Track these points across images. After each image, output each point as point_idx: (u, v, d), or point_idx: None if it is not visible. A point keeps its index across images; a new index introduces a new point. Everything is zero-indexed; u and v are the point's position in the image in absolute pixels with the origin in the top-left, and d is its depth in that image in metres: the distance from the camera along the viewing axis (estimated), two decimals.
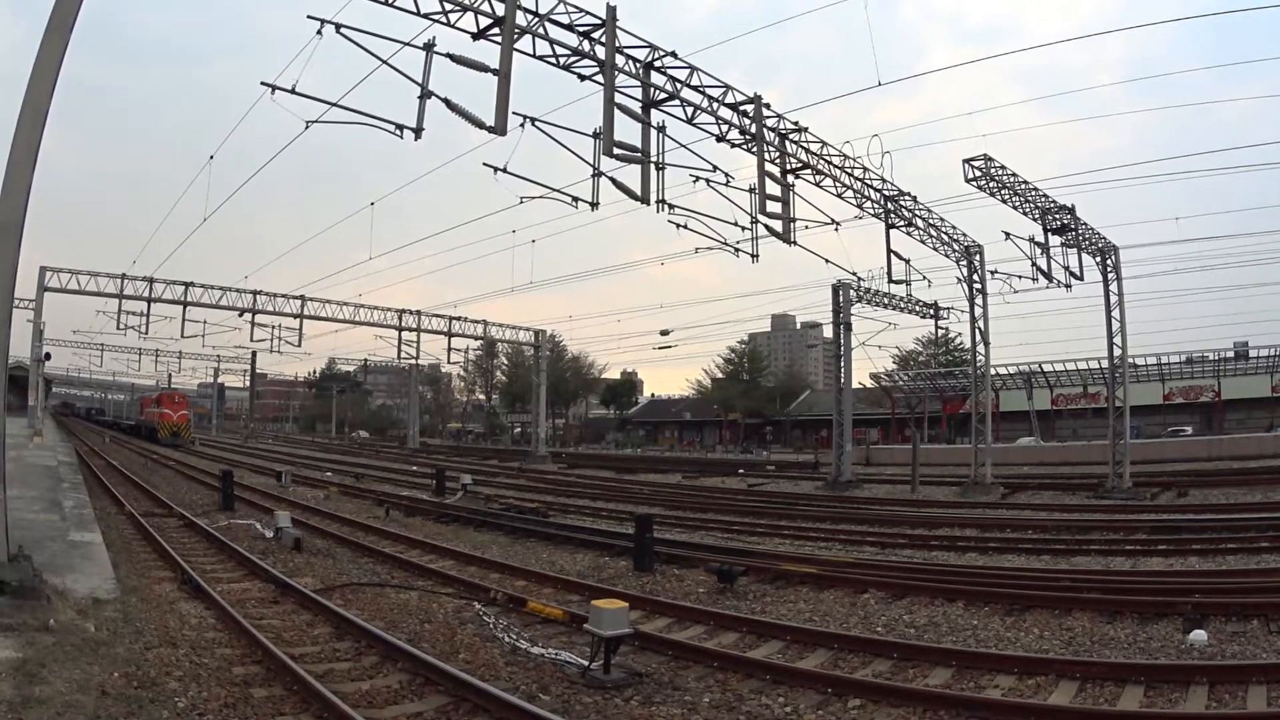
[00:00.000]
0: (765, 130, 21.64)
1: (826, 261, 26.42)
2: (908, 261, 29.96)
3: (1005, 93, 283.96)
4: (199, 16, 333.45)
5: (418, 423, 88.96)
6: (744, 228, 22.14)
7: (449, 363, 63.21)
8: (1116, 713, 7.56)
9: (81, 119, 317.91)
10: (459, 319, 55.96)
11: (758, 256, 22.99)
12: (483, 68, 15.66)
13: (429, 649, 9.60)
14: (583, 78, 17.96)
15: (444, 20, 16.10)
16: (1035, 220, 28.95)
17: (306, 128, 17.19)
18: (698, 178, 20.47)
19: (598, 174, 18.65)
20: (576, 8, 17.34)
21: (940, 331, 46.72)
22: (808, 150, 23.67)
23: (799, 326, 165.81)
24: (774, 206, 21.53)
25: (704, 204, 21.31)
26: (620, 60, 18.08)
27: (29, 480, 22.11)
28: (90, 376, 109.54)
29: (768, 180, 21.34)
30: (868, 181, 26.39)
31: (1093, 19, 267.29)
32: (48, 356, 49.62)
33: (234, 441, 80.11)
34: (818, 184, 24.66)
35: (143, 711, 7.11)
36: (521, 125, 17.11)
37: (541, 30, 17.19)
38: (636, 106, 18.60)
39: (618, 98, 17.65)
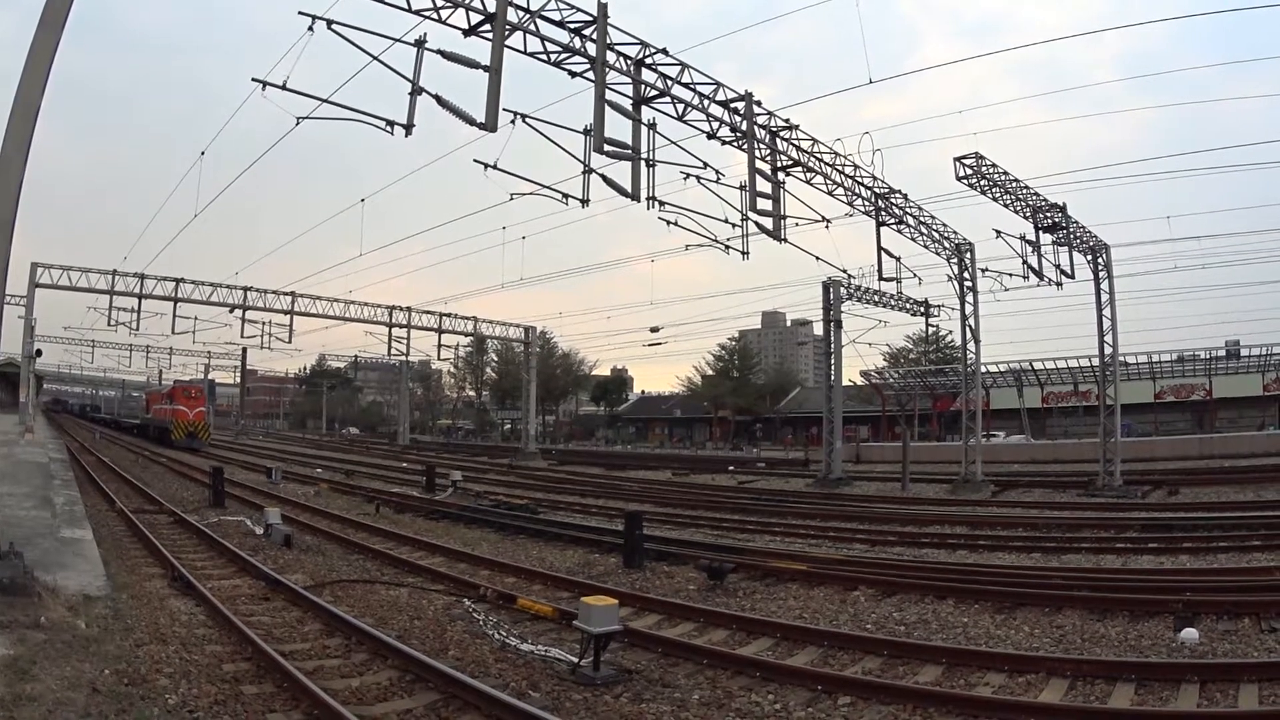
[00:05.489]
0: (756, 127, 21.66)
1: (817, 259, 26.46)
2: (898, 259, 30.07)
3: (1000, 88, 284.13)
4: (190, 11, 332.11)
5: (408, 419, 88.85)
6: (734, 225, 22.12)
7: (439, 359, 62.98)
8: (1107, 710, 7.59)
9: (72, 113, 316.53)
10: (449, 315, 55.89)
11: (748, 254, 22.95)
12: (474, 64, 15.62)
13: (419, 646, 9.60)
14: (573, 74, 17.92)
15: (435, 16, 16.03)
16: (1026, 218, 29.00)
17: (297, 124, 17.15)
18: (688, 175, 20.45)
19: (588, 170, 18.61)
20: (568, 4, 17.30)
21: (931, 329, 46.94)
22: (798, 147, 23.66)
23: (789, 324, 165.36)
24: (764, 204, 21.54)
25: (694, 201, 21.40)
26: (611, 57, 18.08)
27: (20, 477, 22.03)
28: (81, 373, 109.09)
29: (758, 177, 21.36)
30: (858, 179, 26.41)
31: (1090, 12, 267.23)
32: (39, 353, 49.25)
33: (224, 438, 79.79)
34: (808, 181, 24.63)
35: (133, 708, 7.09)
36: (512, 121, 17.05)
37: (532, 27, 17.15)
38: (627, 103, 18.59)
39: (608, 94, 17.65)
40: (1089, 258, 31.29)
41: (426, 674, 8.39)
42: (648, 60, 19.06)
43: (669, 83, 19.58)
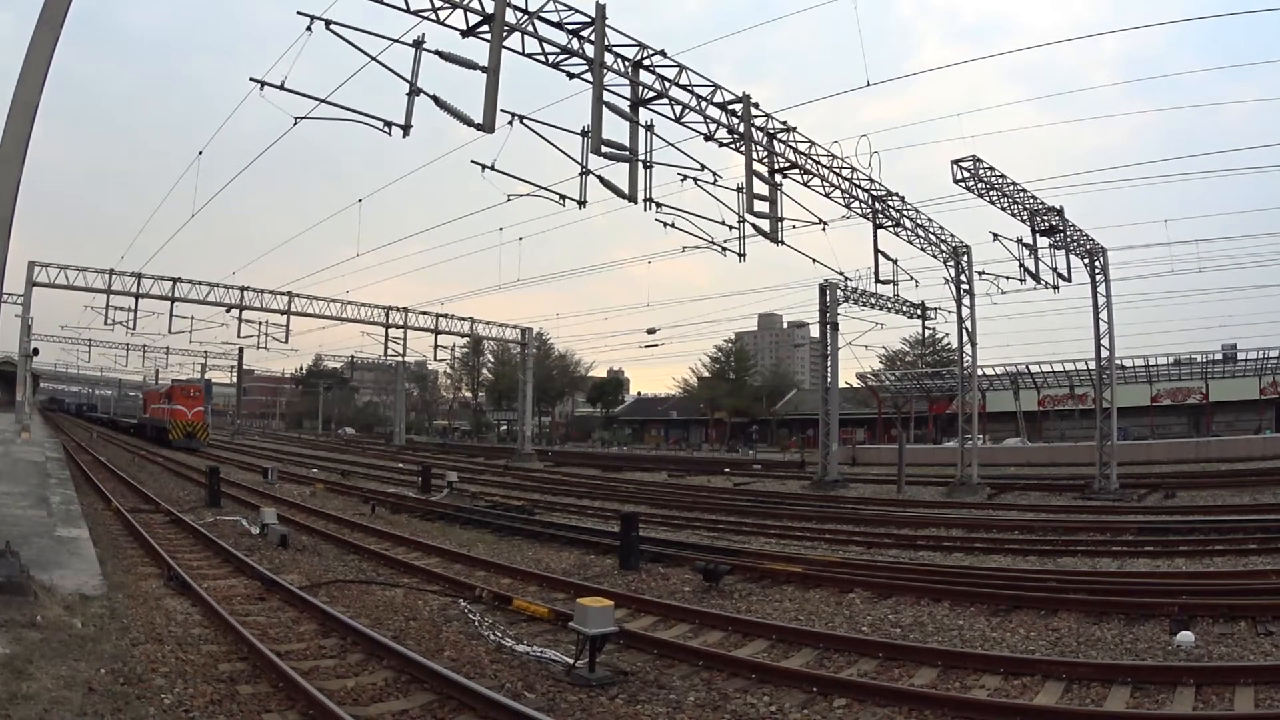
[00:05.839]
0: (753, 129, 21.66)
1: (814, 261, 26.43)
2: (895, 261, 30.02)
3: (997, 90, 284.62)
4: (189, 11, 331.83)
5: (404, 420, 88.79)
6: (731, 227, 22.09)
7: (435, 360, 62.98)
8: (1103, 713, 7.59)
9: (69, 112, 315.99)
10: (446, 316, 55.95)
11: (745, 256, 22.95)
12: (472, 65, 15.61)
13: (414, 646, 9.59)
14: (571, 76, 17.91)
15: (433, 17, 16.02)
16: (1024, 221, 29.05)
17: (295, 124, 17.11)
18: (685, 176, 20.43)
19: (585, 172, 18.58)
20: (566, 5, 17.30)
21: (927, 332, 46.93)
22: (795, 150, 23.68)
23: (785, 326, 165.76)
24: (761, 206, 21.55)
25: (691, 203, 21.32)
26: (609, 58, 18.07)
27: (17, 476, 22.03)
28: (78, 372, 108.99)
29: (755, 180, 21.36)
30: (855, 181, 26.41)
31: (1088, 15, 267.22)
32: (36, 352, 49.17)
33: (221, 438, 79.60)
34: (805, 183, 24.66)
35: (129, 708, 7.09)
36: (510, 123, 17.05)
37: (531, 28, 17.14)
38: (625, 105, 18.59)
39: (606, 96, 17.64)
40: (1086, 261, 31.31)
41: (422, 674, 8.39)
42: (646, 62, 19.06)
43: (667, 84, 19.60)
